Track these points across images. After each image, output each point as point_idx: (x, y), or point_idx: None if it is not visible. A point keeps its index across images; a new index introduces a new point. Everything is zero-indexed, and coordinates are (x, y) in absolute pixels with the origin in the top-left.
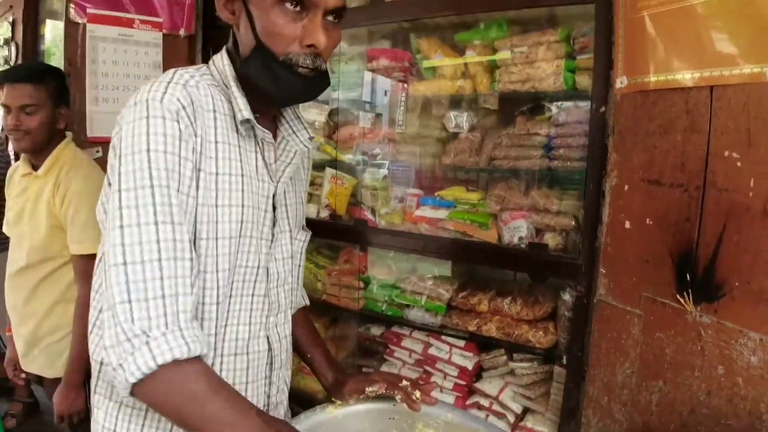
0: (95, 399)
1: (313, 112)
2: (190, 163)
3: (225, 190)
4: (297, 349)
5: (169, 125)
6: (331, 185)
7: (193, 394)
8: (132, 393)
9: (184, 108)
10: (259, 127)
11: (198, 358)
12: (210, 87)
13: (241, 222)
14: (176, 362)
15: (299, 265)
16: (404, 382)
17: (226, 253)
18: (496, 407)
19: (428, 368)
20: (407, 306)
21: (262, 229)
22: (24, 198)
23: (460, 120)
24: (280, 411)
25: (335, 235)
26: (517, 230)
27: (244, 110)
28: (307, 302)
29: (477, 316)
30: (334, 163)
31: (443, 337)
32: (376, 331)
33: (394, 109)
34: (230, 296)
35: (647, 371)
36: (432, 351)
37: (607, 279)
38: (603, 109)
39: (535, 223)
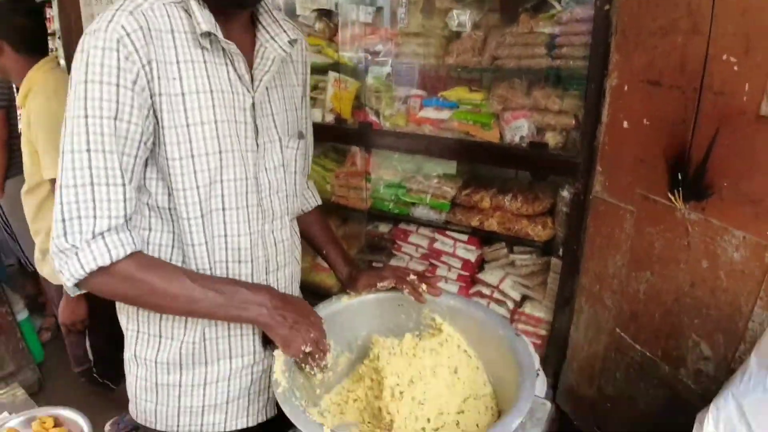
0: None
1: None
2: (131, 92)
3: (194, 108)
4: (314, 246)
5: (107, 55)
6: (335, 89)
7: (125, 289)
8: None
9: (128, 35)
10: (222, 38)
11: (129, 257)
12: (168, 6)
13: (218, 138)
14: (102, 268)
15: (294, 173)
16: (411, 276)
17: (204, 169)
18: (497, 295)
19: (434, 261)
20: (413, 204)
21: (244, 141)
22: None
23: (462, 18)
24: None
25: (341, 138)
26: (518, 130)
27: (203, 23)
28: (319, 201)
29: (479, 212)
30: (337, 67)
31: (448, 233)
32: (384, 228)
33: (396, 1)
34: (223, 209)
35: (637, 263)
36: (437, 245)
37: (604, 177)
38: (607, 7)
39: (537, 123)
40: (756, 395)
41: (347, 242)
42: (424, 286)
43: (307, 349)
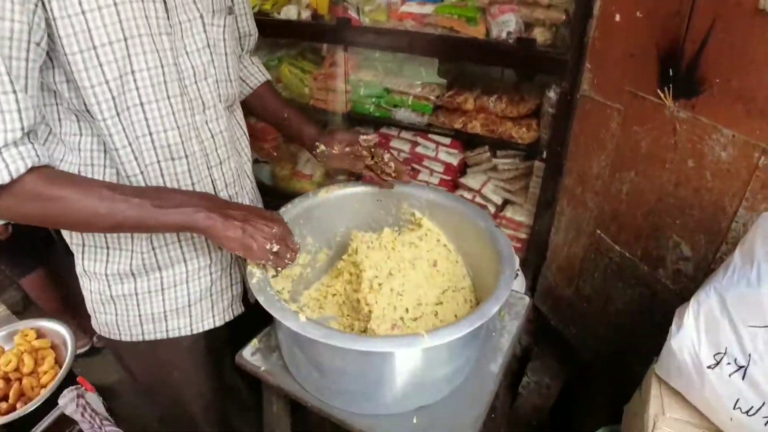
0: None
1: None
2: None
3: None
4: (272, 119)
5: None
6: None
7: (36, 209)
8: None
9: None
10: None
11: (34, 172)
12: None
13: (120, 22)
14: (3, 187)
15: (225, 54)
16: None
17: (111, 60)
18: (478, 199)
19: (416, 166)
20: (394, 106)
21: (154, 23)
22: None
23: None
24: (239, 200)
25: (318, 36)
26: (505, 24)
27: None
28: (268, 76)
29: (463, 114)
30: None
31: (430, 136)
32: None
33: None
34: (141, 104)
35: (621, 163)
36: (419, 149)
37: (592, 74)
38: None
39: (525, 18)
40: (739, 289)
41: None
42: (392, 165)
43: (274, 248)
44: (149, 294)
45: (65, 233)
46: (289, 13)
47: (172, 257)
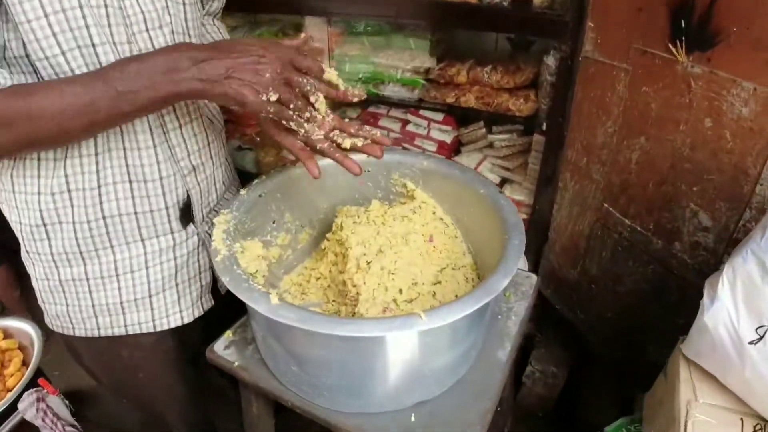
0: None
1: None
2: None
3: None
4: None
5: None
6: None
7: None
8: None
9: None
10: None
11: None
12: None
13: None
14: None
15: (184, 4)
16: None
17: None
18: None
19: (407, 146)
20: (382, 82)
21: None
22: None
23: None
24: (206, 174)
25: (297, 7)
26: None
27: None
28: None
29: (455, 87)
30: None
31: (421, 112)
32: (351, 113)
33: None
34: (84, 46)
35: (629, 129)
36: (410, 128)
37: (595, 33)
38: None
39: None
40: None
41: None
42: (347, 143)
43: (272, 97)
44: (102, 280)
45: (3, 209)
46: None
47: (127, 232)
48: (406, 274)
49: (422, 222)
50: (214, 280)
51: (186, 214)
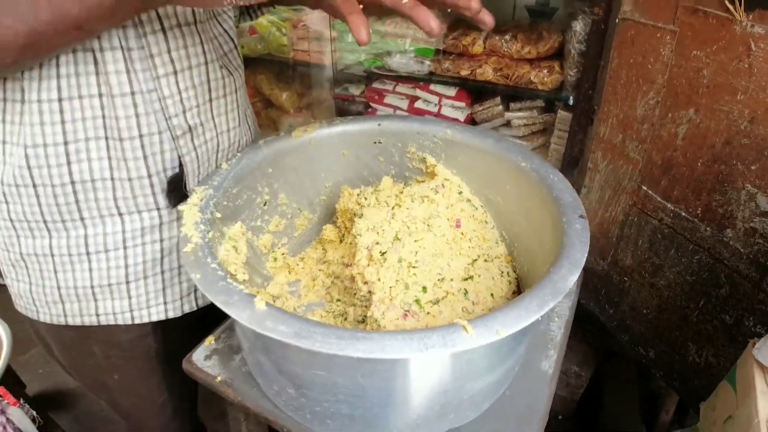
0: None
1: None
2: None
3: None
4: None
5: None
6: None
7: None
8: None
9: None
10: None
11: None
12: None
13: None
14: None
15: None
16: None
17: None
18: None
19: None
20: (388, 53)
21: None
22: None
23: None
24: (205, 137)
25: None
26: None
27: None
28: None
29: (470, 59)
30: None
31: (431, 87)
32: (355, 90)
33: None
34: None
35: (676, 99)
36: (419, 105)
37: None
38: None
39: None
40: None
41: (312, 112)
42: None
43: None
44: (69, 258)
45: None
46: None
47: (101, 203)
48: (430, 267)
49: (446, 204)
50: None
51: (176, 188)
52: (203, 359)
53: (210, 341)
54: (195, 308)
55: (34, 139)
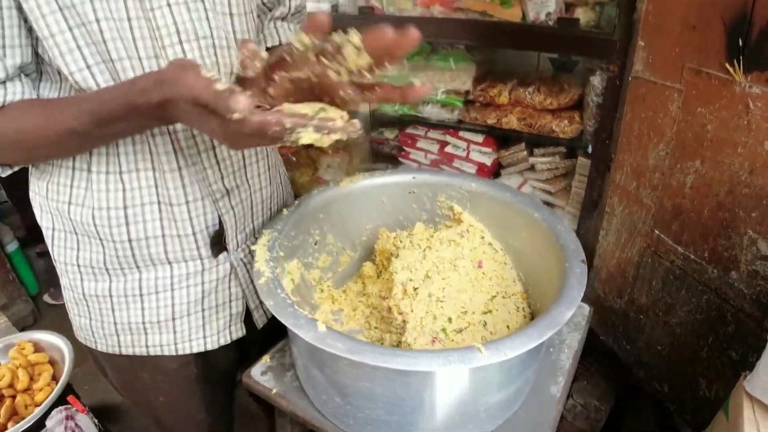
0: None
1: None
2: None
3: None
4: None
5: None
6: None
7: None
8: None
9: None
10: None
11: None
12: None
13: None
14: None
15: (230, 14)
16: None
17: (69, 5)
18: None
19: (445, 167)
20: (421, 103)
21: None
22: None
23: None
24: (241, 197)
25: (339, 28)
26: (544, 5)
27: None
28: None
29: (497, 108)
30: None
31: (460, 134)
32: (389, 134)
33: None
34: (110, 60)
35: (683, 151)
36: (449, 149)
37: (646, 53)
38: None
39: None
40: None
41: (349, 152)
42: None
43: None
44: (125, 298)
45: (36, 213)
46: (308, 5)
47: (153, 254)
48: (455, 301)
49: (470, 246)
50: (248, 309)
51: (217, 242)
52: (260, 374)
53: (266, 360)
54: (229, 341)
55: (100, 203)
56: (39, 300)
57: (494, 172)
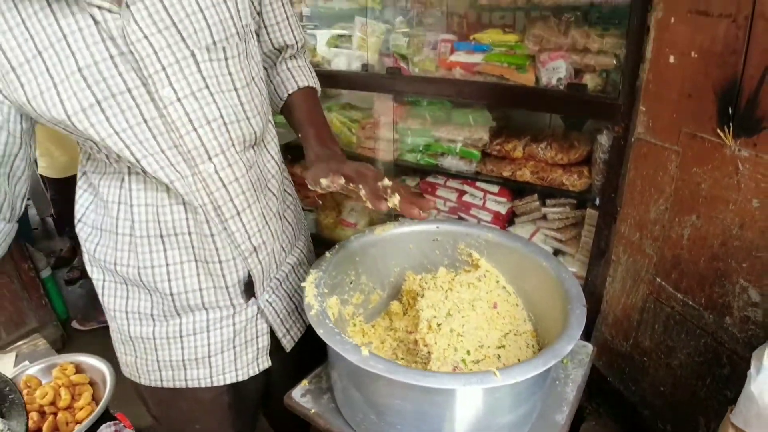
0: None
1: None
2: None
3: (43, 72)
4: (296, 132)
5: None
6: (361, 34)
7: None
8: None
9: None
10: None
11: None
12: None
13: (89, 87)
14: None
15: (235, 89)
16: (385, 182)
17: (87, 126)
18: None
19: (462, 215)
20: (442, 154)
21: (121, 81)
22: None
23: None
24: (267, 251)
25: (367, 86)
26: (555, 71)
27: None
28: (306, 83)
29: (511, 162)
30: (364, 11)
31: (477, 184)
32: (410, 182)
33: None
34: (136, 160)
35: (681, 206)
36: (466, 198)
37: (647, 117)
38: None
39: (575, 64)
40: None
41: None
42: (396, 199)
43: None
44: (167, 340)
45: (88, 268)
46: (338, 63)
47: (192, 304)
48: (473, 336)
49: (487, 289)
50: (272, 342)
51: (248, 290)
52: (300, 396)
53: (305, 383)
54: (257, 372)
55: (144, 262)
56: (67, 326)
57: (508, 220)
